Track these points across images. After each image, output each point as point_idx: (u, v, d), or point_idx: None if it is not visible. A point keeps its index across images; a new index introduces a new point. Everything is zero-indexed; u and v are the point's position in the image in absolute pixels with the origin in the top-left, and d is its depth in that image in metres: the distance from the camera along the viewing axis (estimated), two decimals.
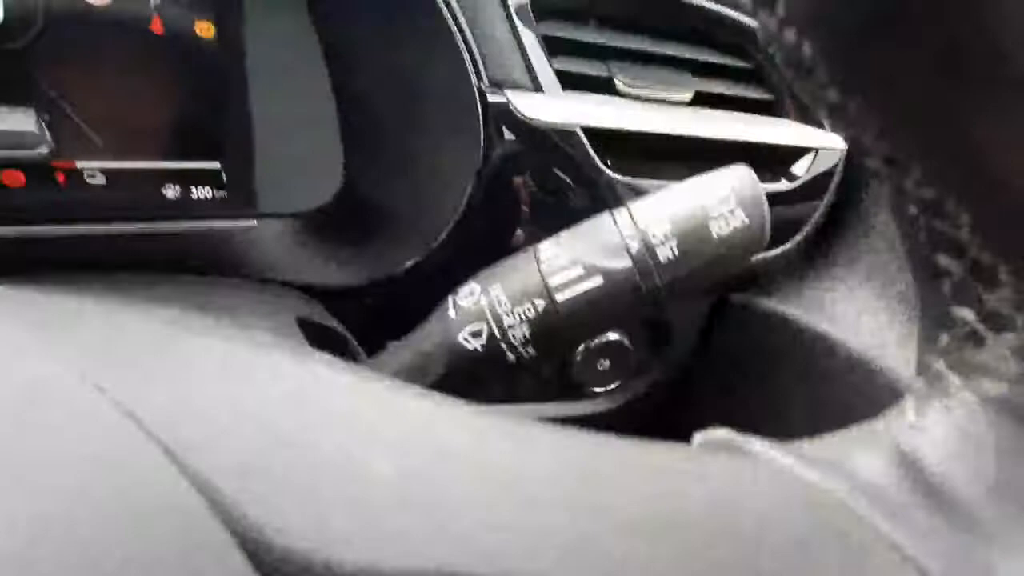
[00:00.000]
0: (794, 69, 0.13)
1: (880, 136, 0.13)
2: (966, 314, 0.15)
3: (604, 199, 0.52)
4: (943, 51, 0.12)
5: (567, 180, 0.51)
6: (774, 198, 0.58)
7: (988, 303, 0.15)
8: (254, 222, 0.52)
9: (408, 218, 0.53)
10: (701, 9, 0.56)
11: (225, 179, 0.53)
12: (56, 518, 0.11)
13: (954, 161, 0.13)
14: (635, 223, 0.31)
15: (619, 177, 0.52)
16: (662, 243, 0.30)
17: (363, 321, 0.54)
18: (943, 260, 0.15)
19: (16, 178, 0.48)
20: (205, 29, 0.51)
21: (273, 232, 0.53)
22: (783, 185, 0.58)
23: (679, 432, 0.67)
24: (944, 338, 0.16)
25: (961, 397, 0.15)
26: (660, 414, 0.68)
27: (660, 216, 0.31)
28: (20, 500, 0.12)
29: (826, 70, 0.13)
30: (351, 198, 0.55)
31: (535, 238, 0.52)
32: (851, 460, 0.16)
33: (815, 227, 0.59)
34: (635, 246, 0.30)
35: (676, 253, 0.30)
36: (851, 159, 0.57)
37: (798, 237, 0.59)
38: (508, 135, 0.49)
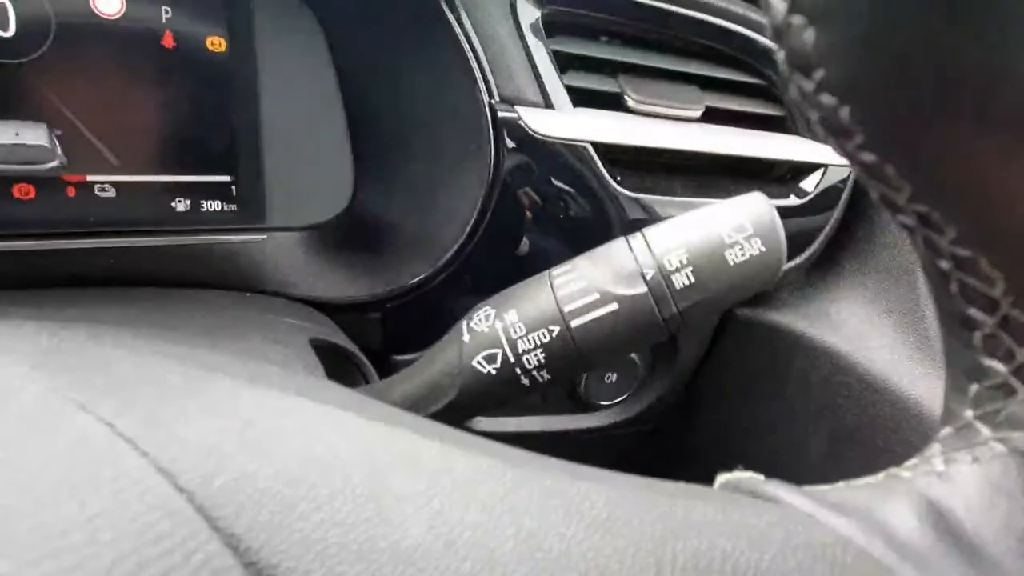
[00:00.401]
0: (830, 131, 0.13)
1: (915, 198, 0.13)
2: (997, 366, 0.15)
3: (615, 215, 0.52)
4: (984, 117, 0.12)
5: (578, 196, 0.51)
6: (784, 212, 0.58)
7: (1020, 356, 0.15)
8: (264, 236, 0.52)
9: (417, 232, 0.53)
10: (712, 25, 0.56)
11: (235, 192, 0.53)
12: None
13: (991, 224, 0.13)
14: (651, 250, 0.31)
15: (630, 193, 0.52)
16: (678, 270, 0.30)
17: (372, 333, 0.54)
18: (975, 313, 0.15)
19: (26, 191, 0.48)
20: (216, 44, 0.51)
21: (282, 246, 0.53)
22: (793, 200, 0.58)
23: (685, 443, 0.67)
24: (974, 388, 0.16)
25: (991, 448, 0.15)
26: (667, 425, 0.68)
27: (676, 243, 0.31)
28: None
29: (864, 134, 0.13)
30: (360, 212, 0.55)
31: (545, 254, 0.52)
32: (878, 509, 0.16)
33: (824, 242, 0.59)
34: (651, 273, 0.30)
35: (692, 280, 0.30)
36: None
37: (807, 252, 0.59)
38: (518, 151, 0.49)
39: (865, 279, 0.57)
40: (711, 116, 0.56)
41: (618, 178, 0.52)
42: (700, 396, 0.67)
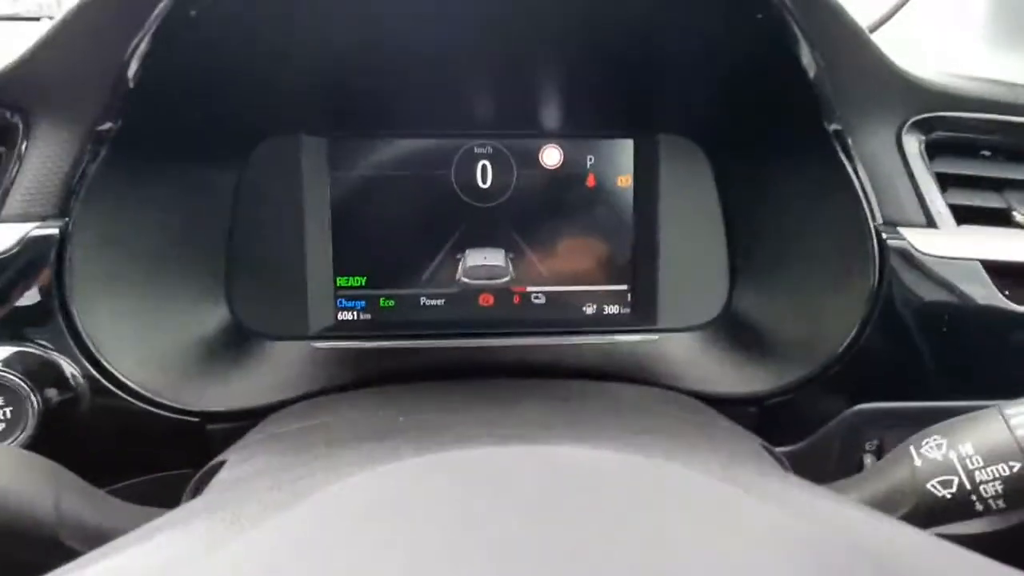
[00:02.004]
0: None
1: None
2: None
3: (1008, 334, 0.53)
4: None
5: (967, 314, 0.53)
6: None
7: None
8: (656, 336, 0.63)
9: (795, 338, 0.59)
10: None
11: (631, 299, 0.65)
12: None
13: None
14: None
15: None
16: None
17: (747, 427, 0.61)
18: None
19: (488, 299, 0.64)
20: (624, 180, 0.63)
21: (672, 345, 0.62)
22: None
23: None
24: None
25: None
26: None
27: None
28: None
29: None
30: (736, 316, 0.63)
31: (930, 370, 0.54)
32: None
33: None
34: None
35: None
36: None
37: None
38: (904, 270, 0.53)
39: None
40: None
41: (1007, 294, 0.53)
42: None
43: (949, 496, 0.35)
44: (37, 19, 0.78)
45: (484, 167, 0.62)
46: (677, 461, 0.28)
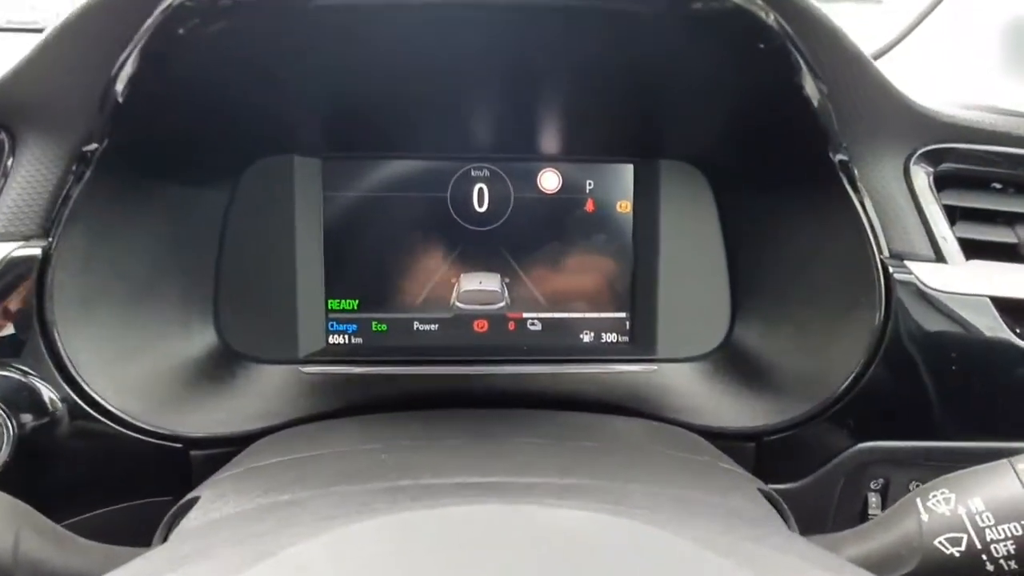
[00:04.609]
0: None
1: None
2: None
3: (1021, 374, 0.51)
4: None
5: (975, 351, 0.51)
6: None
7: None
8: (655, 366, 0.61)
9: (796, 372, 0.57)
10: None
11: (629, 327, 0.63)
12: None
13: None
14: None
15: None
16: None
17: (743, 462, 0.59)
18: None
19: (482, 325, 0.62)
20: (623, 207, 0.62)
21: (671, 376, 0.60)
22: None
23: None
24: None
25: None
26: None
27: None
28: None
29: None
30: (737, 348, 0.61)
31: (937, 408, 0.53)
32: None
33: None
34: None
35: None
36: None
37: None
38: (911, 304, 0.51)
39: None
40: None
41: (1017, 331, 0.51)
42: None
43: (958, 554, 0.34)
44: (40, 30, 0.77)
45: (481, 190, 0.60)
46: (667, 526, 0.27)
